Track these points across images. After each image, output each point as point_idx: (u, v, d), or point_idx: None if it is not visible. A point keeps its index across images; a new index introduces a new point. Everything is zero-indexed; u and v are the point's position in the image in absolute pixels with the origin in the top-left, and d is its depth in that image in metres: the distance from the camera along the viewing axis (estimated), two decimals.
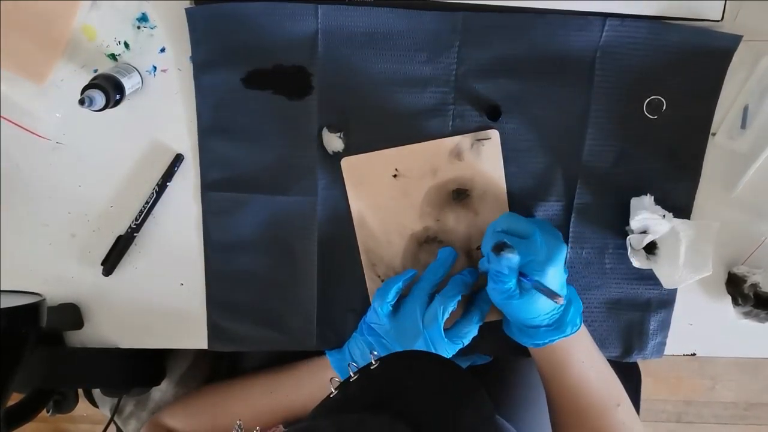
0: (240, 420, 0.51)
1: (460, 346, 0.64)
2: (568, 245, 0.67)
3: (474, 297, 0.66)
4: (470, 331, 0.64)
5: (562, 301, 0.57)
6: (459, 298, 0.63)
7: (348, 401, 0.51)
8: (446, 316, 0.62)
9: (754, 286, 0.66)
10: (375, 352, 0.56)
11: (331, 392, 0.52)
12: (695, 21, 0.62)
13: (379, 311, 0.63)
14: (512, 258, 0.57)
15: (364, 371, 0.53)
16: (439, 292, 0.63)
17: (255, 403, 0.69)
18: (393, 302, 0.64)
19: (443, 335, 0.62)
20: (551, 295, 0.57)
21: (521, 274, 0.59)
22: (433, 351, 0.62)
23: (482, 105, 0.63)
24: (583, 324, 0.62)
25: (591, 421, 0.62)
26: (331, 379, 0.56)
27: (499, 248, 0.58)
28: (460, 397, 0.51)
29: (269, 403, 0.68)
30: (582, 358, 0.62)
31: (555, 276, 0.58)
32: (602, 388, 0.63)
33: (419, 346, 0.62)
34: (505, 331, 0.65)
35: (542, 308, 0.59)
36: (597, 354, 0.64)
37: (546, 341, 0.60)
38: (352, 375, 0.53)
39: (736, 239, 0.68)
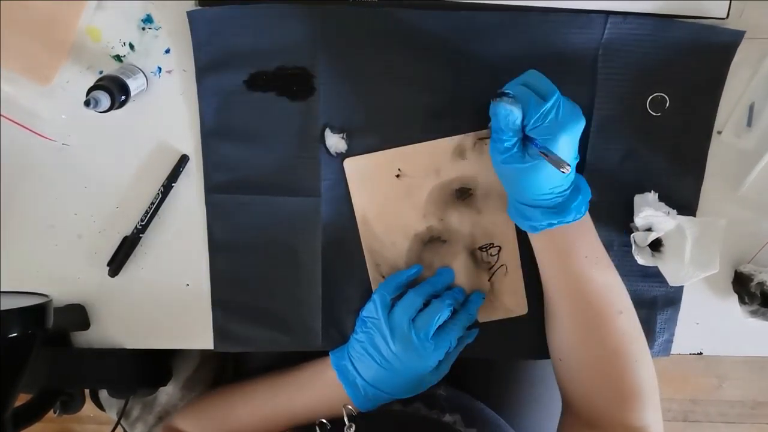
0: None
1: (447, 349, 0.64)
2: None
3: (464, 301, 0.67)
4: (455, 332, 0.64)
5: (568, 169, 0.51)
6: (451, 309, 0.64)
7: None
8: (439, 323, 0.63)
9: (761, 284, 0.65)
10: (349, 407, 0.55)
11: None
12: (700, 19, 0.62)
13: (378, 303, 0.64)
14: (511, 109, 0.52)
15: None
16: (435, 299, 0.64)
17: (259, 406, 0.70)
18: (393, 296, 0.64)
19: (429, 339, 0.62)
20: (557, 163, 0.50)
21: (529, 138, 0.54)
22: (420, 354, 0.62)
23: (484, 103, 0.63)
24: (590, 218, 0.57)
25: (589, 325, 0.58)
26: (344, 405, 0.56)
27: (499, 96, 0.53)
28: None
29: (273, 406, 0.69)
30: (584, 253, 0.57)
31: (566, 146, 0.52)
32: (604, 292, 0.58)
33: (405, 347, 0.62)
34: (508, 214, 0.62)
35: (545, 182, 0.54)
36: (602, 254, 0.59)
37: (545, 224, 0.56)
38: None
39: (742, 237, 0.68)
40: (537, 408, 0.81)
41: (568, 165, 0.52)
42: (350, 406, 0.60)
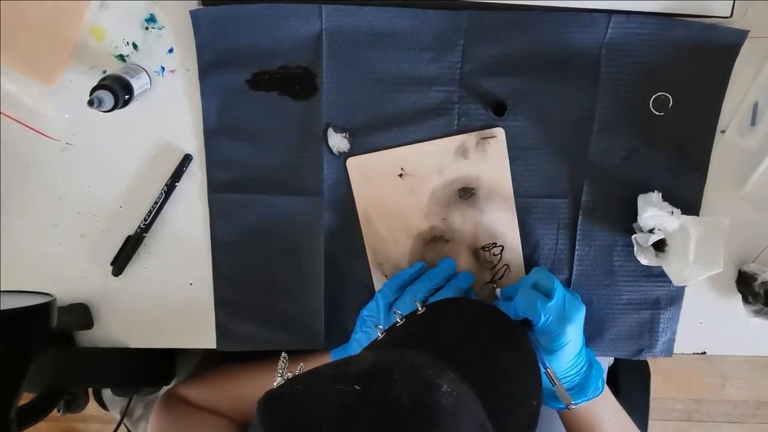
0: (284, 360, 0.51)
1: None
2: (576, 243, 0.67)
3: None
4: None
5: (572, 406, 0.58)
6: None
7: (392, 341, 0.53)
8: None
9: (765, 284, 0.65)
10: (419, 301, 0.57)
11: (378, 336, 0.54)
12: (704, 18, 0.61)
13: (380, 302, 0.64)
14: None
15: (409, 317, 0.54)
16: (437, 293, 0.64)
17: (261, 383, 0.70)
18: (396, 296, 0.64)
19: None
20: (562, 395, 0.58)
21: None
22: None
23: (488, 103, 0.63)
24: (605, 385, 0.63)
25: None
26: (376, 326, 0.57)
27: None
28: (499, 339, 0.52)
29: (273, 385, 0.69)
30: (608, 416, 0.63)
31: (574, 335, 0.58)
32: None
33: None
34: None
35: (559, 369, 0.59)
36: (620, 410, 0.65)
37: (572, 405, 0.60)
38: (399, 321, 0.54)
39: (746, 237, 0.67)
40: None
41: (573, 404, 0.59)
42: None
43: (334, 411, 0.38)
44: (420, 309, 0.55)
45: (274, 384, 0.43)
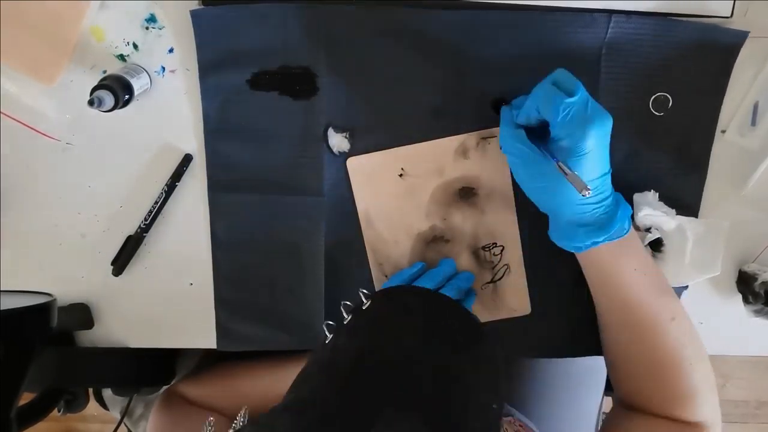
0: (212, 419, 0.50)
1: None
2: None
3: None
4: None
5: (589, 193, 0.49)
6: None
7: (335, 358, 0.48)
8: None
9: (765, 284, 0.65)
10: (364, 291, 0.53)
11: (326, 337, 0.50)
12: (704, 18, 0.61)
13: None
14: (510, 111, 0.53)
15: (356, 312, 0.51)
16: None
17: (260, 382, 0.71)
18: None
19: None
20: (578, 183, 0.49)
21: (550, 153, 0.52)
22: None
23: (488, 102, 0.63)
24: (633, 229, 0.56)
25: (643, 336, 0.57)
26: (325, 322, 0.52)
27: (497, 103, 0.55)
28: (445, 341, 0.47)
29: (273, 384, 0.70)
30: (634, 265, 0.56)
31: (595, 147, 0.51)
32: (656, 301, 0.57)
33: None
34: (551, 238, 0.60)
35: (572, 195, 0.52)
36: (651, 262, 0.58)
37: (588, 244, 0.54)
38: (346, 315, 0.51)
39: (746, 237, 0.67)
40: (540, 405, 0.81)
41: (588, 188, 0.49)
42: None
43: None
44: (365, 302, 0.51)
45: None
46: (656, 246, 0.64)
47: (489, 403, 0.45)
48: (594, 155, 0.52)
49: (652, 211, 0.61)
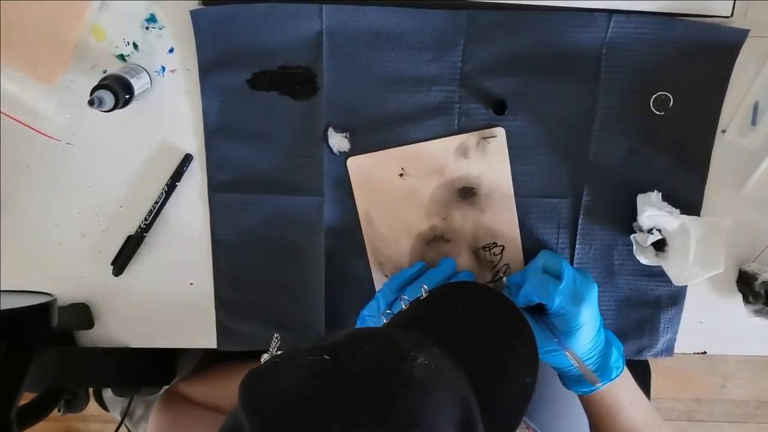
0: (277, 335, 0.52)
1: None
2: (576, 243, 0.67)
3: None
4: None
5: (599, 384, 0.58)
6: None
7: (390, 323, 0.54)
8: None
9: (765, 283, 0.65)
10: (425, 285, 0.57)
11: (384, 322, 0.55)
12: (705, 17, 0.61)
13: (381, 301, 0.64)
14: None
15: (413, 302, 0.55)
16: None
17: None
18: (397, 295, 0.64)
19: None
20: (587, 374, 0.58)
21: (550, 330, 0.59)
22: None
23: (488, 102, 0.63)
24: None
25: None
26: (382, 313, 0.58)
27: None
28: (497, 321, 0.52)
29: None
30: (630, 400, 0.62)
31: (589, 316, 0.57)
32: (651, 429, 0.63)
33: None
34: (562, 383, 0.65)
35: (579, 351, 0.59)
36: (640, 393, 0.64)
37: (594, 388, 0.60)
38: (404, 307, 0.55)
39: (746, 236, 0.67)
40: (541, 407, 0.81)
41: (599, 381, 0.59)
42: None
43: (303, 380, 0.39)
44: (424, 294, 0.55)
45: (262, 361, 0.44)
46: (660, 246, 0.64)
47: (524, 375, 0.48)
48: (588, 325, 0.58)
49: (655, 211, 0.61)
